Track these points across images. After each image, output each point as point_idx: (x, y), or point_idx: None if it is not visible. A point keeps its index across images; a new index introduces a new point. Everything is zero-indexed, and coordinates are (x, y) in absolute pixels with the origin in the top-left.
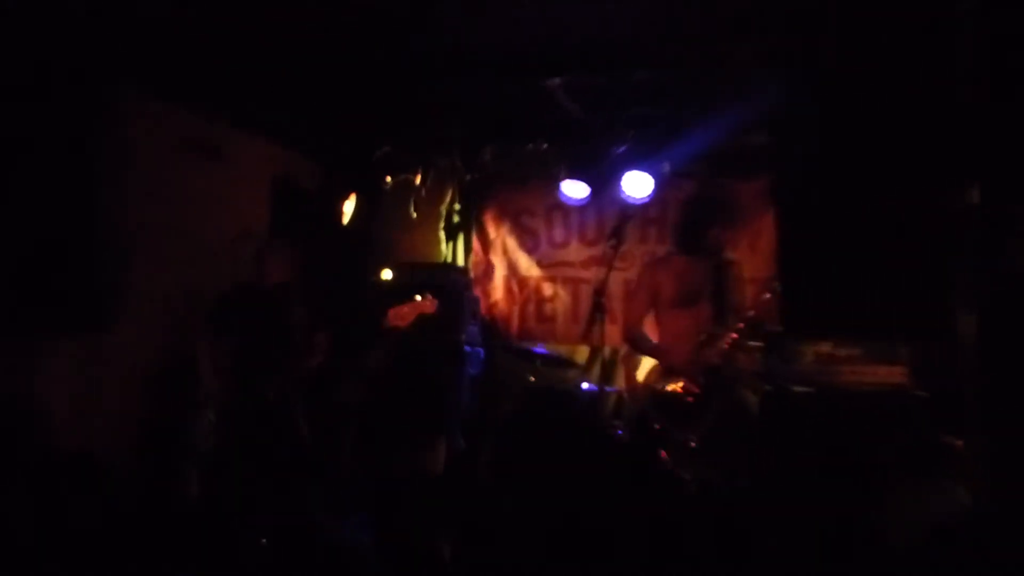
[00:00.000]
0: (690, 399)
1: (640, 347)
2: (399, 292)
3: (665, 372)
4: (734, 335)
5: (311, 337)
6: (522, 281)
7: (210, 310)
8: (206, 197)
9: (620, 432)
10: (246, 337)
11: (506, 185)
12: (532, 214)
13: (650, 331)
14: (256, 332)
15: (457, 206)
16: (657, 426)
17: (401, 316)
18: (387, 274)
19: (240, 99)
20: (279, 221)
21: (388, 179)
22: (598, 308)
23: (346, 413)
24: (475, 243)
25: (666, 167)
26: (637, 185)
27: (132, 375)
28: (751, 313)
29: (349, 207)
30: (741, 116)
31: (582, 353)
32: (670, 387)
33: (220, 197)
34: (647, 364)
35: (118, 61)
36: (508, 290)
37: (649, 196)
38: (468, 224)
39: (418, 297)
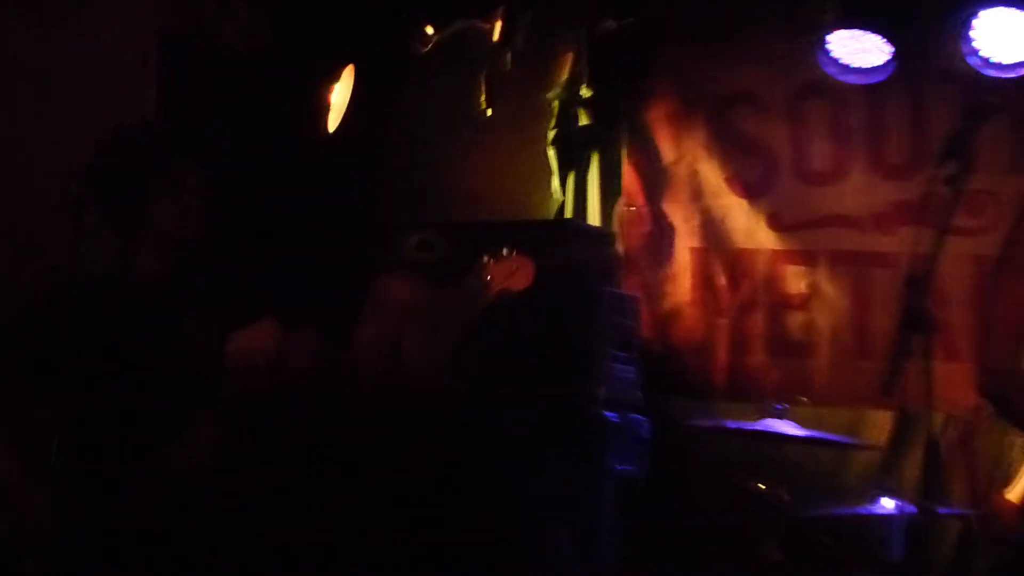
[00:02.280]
0: None
1: (1018, 415)
2: (451, 277)
3: None
4: None
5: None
6: (738, 260)
7: (8, 341)
8: (18, 80)
9: None
10: (88, 397)
11: (696, 43)
12: (759, 107)
13: None
14: (113, 383)
15: (586, 92)
16: None
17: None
18: (421, 244)
19: None
20: (178, 132)
21: (429, 32)
22: (916, 322)
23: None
24: (627, 174)
25: None
26: (1006, 36)
27: None
28: None
29: (340, 96)
30: None
31: (877, 425)
32: None
33: (45, 78)
34: None
35: None
36: (704, 281)
37: None
38: (611, 133)
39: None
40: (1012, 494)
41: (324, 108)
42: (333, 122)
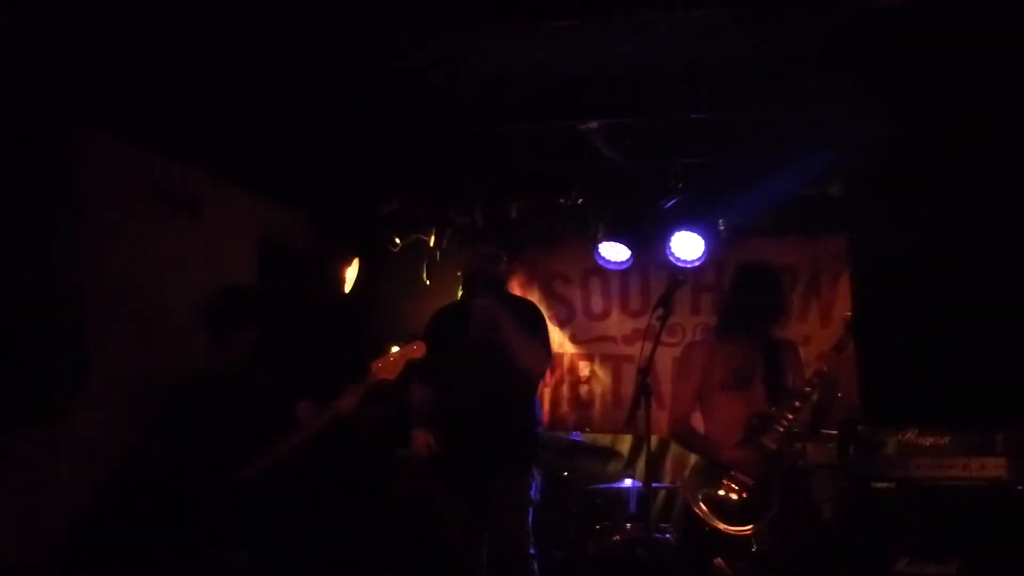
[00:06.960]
0: (745, 495)
1: (688, 444)
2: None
3: (718, 464)
4: (789, 415)
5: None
6: (554, 359)
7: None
8: (180, 260)
9: (668, 536)
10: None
11: (536, 246)
12: (566, 280)
13: (695, 420)
14: (214, 426)
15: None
16: (710, 527)
17: (388, 367)
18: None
19: (219, 142)
20: (268, 289)
21: (397, 240)
22: (643, 390)
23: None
24: None
25: (722, 225)
26: (688, 247)
27: (85, 479)
28: (807, 390)
29: (352, 273)
30: (813, 164)
31: (625, 443)
32: (724, 481)
33: (197, 260)
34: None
35: (71, 91)
36: None
37: (702, 259)
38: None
39: (395, 348)
40: (688, 469)
41: (340, 280)
42: (348, 288)
